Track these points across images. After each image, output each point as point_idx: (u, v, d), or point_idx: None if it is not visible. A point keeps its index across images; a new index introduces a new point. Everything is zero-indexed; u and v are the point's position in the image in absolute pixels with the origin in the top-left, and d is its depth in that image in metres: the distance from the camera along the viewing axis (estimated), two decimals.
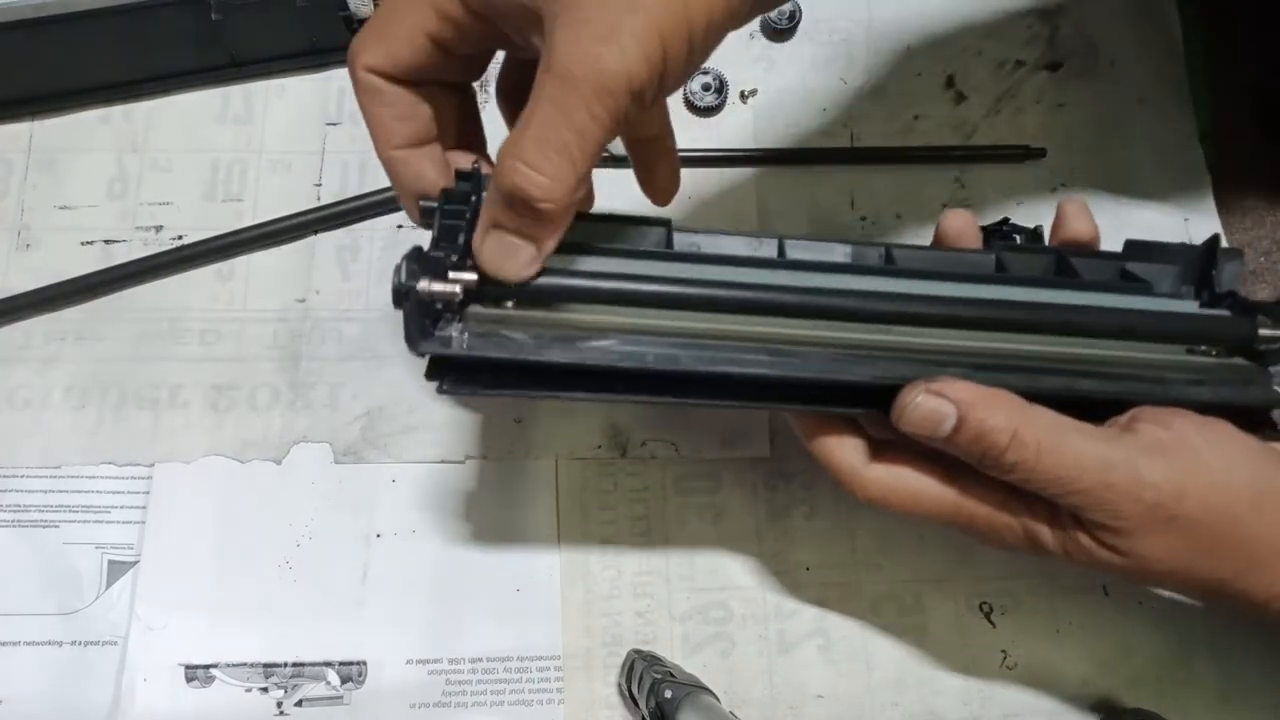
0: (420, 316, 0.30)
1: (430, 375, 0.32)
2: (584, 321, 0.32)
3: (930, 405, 0.31)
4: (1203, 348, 0.35)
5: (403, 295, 0.30)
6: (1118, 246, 0.39)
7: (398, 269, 0.30)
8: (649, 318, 0.32)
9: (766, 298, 0.33)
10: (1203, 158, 0.54)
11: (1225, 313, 0.36)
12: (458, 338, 0.31)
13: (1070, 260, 0.38)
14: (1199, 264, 0.37)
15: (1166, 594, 0.46)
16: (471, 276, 0.31)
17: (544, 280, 0.31)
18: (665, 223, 0.36)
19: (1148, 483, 0.31)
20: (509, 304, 0.31)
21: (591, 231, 0.35)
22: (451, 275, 0.30)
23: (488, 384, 0.32)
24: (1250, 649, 0.46)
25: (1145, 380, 0.34)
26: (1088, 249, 0.39)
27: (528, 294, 0.31)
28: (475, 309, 0.31)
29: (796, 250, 0.36)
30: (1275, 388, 0.34)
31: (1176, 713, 0.44)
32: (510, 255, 0.30)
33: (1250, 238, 0.53)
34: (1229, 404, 0.34)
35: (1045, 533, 0.33)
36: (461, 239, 0.31)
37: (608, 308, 0.32)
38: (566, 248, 0.32)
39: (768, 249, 0.36)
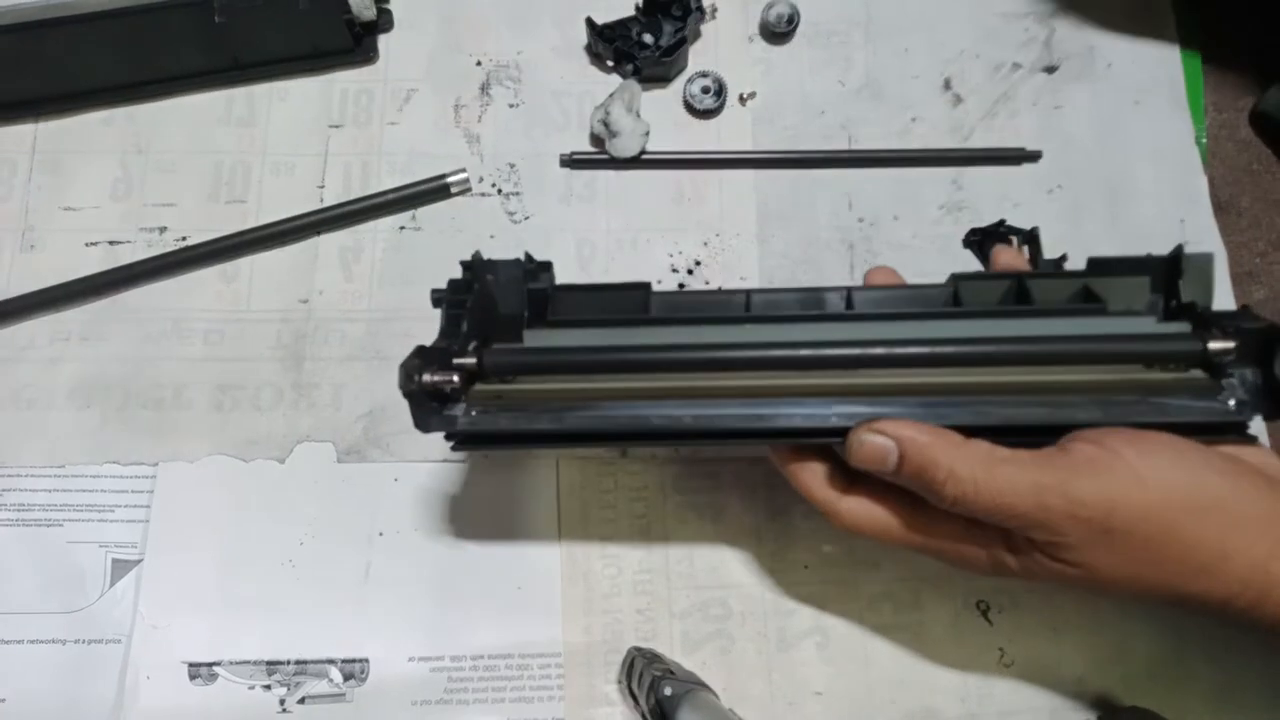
0: (425, 404, 0.35)
1: (447, 438, 0.37)
2: (573, 390, 0.36)
3: (875, 442, 0.34)
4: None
5: (406, 389, 0.34)
6: (1118, 248, 0.39)
7: (402, 368, 0.34)
8: (630, 381, 0.36)
9: (732, 356, 0.36)
10: (1199, 159, 0.54)
11: (1185, 325, 0.36)
12: (463, 417, 0.36)
13: (1028, 284, 0.39)
14: (1165, 273, 0.37)
15: None
16: (472, 361, 0.36)
17: (534, 358, 0.36)
18: (644, 286, 0.40)
19: (1079, 500, 0.32)
20: (509, 379, 0.36)
21: (580, 302, 0.40)
22: (455, 362, 0.35)
23: (496, 443, 0.37)
24: (1246, 647, 0.46)
25: (1092, 405, 0.34)
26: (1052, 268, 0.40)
27: (525, 368, 0.36)
28: (479, 387, 0.36)
29: (762, 305, 0.40)
30: (1227, 402, 0.34)
31: (1173, 710, 0.44)
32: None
33: (1246, 239, 0.54)
34: (1177, 423, 0.34)
35: (1006, 555, 0.35)
36: (464, 327, 0.36)
37: (595, 376, 0.36)
38: (557, 322, 0.38)
39: (736, 306, 0.40)
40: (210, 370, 0.50)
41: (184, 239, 0.52)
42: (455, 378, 0.35)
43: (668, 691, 0.40)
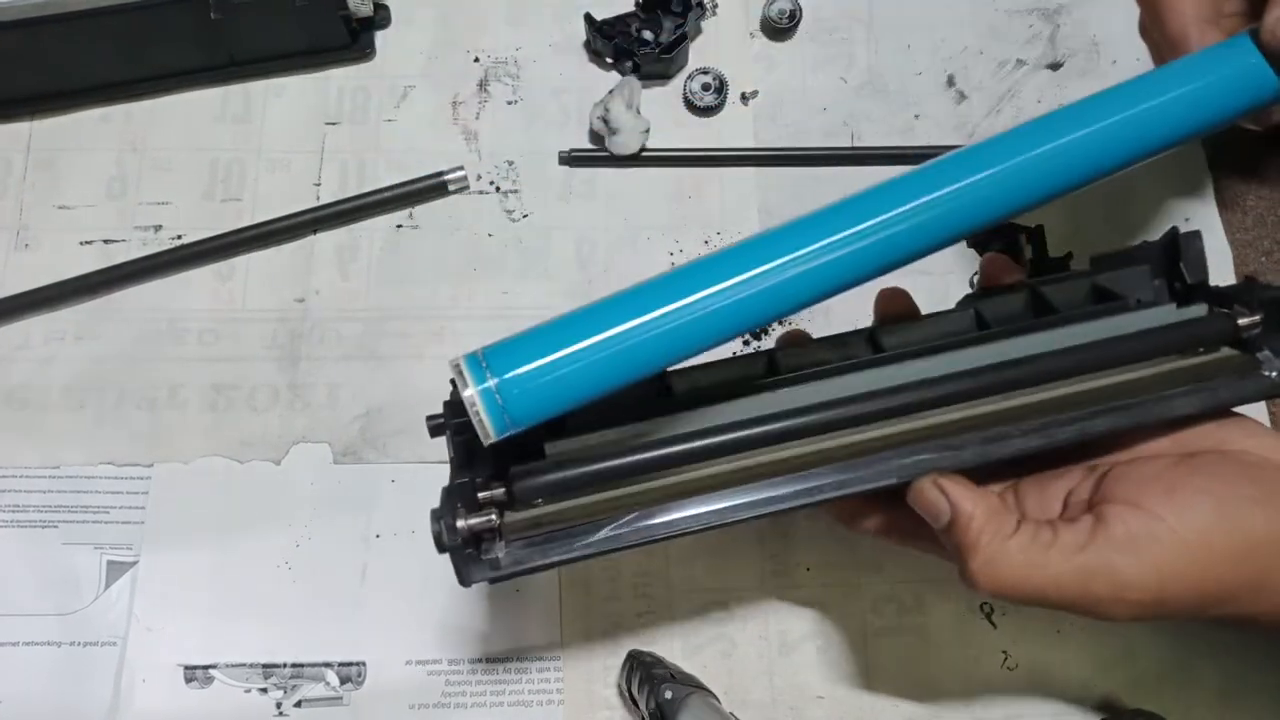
0: (466, 554, 0.32)
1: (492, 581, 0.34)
2: (610, 501, 0.33)
3: (931, 496, 0.33)
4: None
5: (448, 544, 0.31)
6: (1116, 229, 0.39)
7: (435, 518, 0.31)
8: (669, 477, 0.33)
9: (770, 430, 0.33)
10: (1204, 158, 0.54)
11: (1203, 307, 0.36)
12: (504, 557, 0.32)
13: (1044, 292, 0.38)
14: (1164, 258, 0.37)
15: None
16: (499, 491, 0.32)
17: (565, 475, 0.32)
18: (660, 374, 0.36)
19: (1126, 584, 0.31)
20: (538, 503, 0.33)
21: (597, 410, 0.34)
22: (481, 497, 0.32)
23: (534, 567, 0.33)
24: (1251, 650, 0.46)
25: (1130, 408, 0.34)
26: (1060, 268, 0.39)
27: (558, 489, 0.32)
28: (511, 518, 0.32)
29: (786, 364, 0.37)
30: (1267, 373, 0.34)
31: (1178, 714, 0.44)
32: None
33: (1252, 237, 0.53)
34: (1220, 407, 0.34)
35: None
36: (478, 454, 0.32)
37: (625, 482, 0.33)
38: (573, 428, 0.34)
39: (758, 367, 0.37)
40: (205, 370, 0.49)
41: (179, 237, 0.51)
42: (493, 517, 0.32)
43: (668, 695, 0.40)
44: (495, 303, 0.51)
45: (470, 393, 0.29)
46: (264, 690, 0.45)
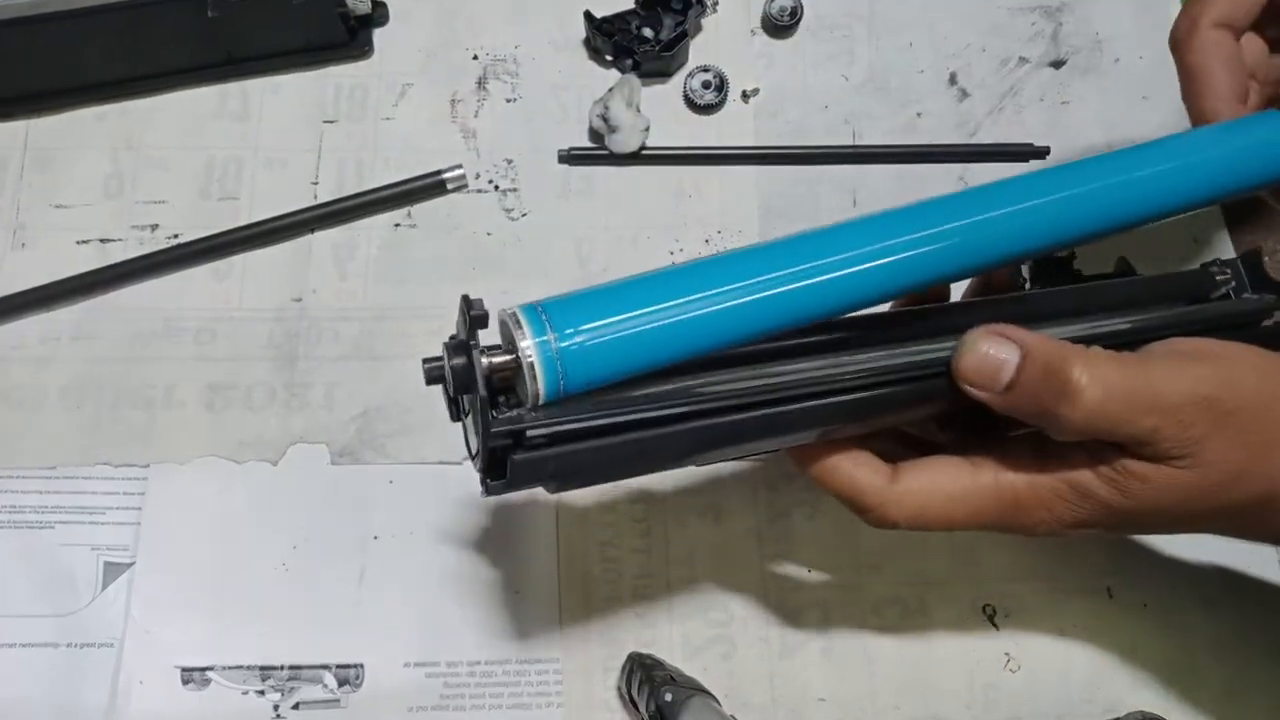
0: (491, 403, 0.26)
1: (493, 475, 0.29)
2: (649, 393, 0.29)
3: (991, 352, 0.30)
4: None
5: (461, 384, 0.26)
6: (1124, 245, 0.39)
7: (435, 360, 0.27)
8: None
9: (823, 338, 0.32)
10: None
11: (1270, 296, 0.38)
12: (531, 433, 0.27)
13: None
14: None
15: (1168, 598, 0.46)
16: (510, 359, 0.27)
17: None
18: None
19: (1199, 376, 0.30)
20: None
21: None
22: (497, 361, 0.27)
23: (586, 472, 0.29)
24: (1255, 651, 0.46)
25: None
26: None
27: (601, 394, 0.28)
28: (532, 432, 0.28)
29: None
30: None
31: (1181, 716, 0.44)
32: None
33: (1255, 236, 0.53)
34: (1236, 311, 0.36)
35: (1090, 479, 0.32)
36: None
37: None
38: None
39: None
40: (202, 370, 0.49)
41: (176, 236, 0.51)
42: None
43: (668, 698, 0.40)
44: (494, 302, 0.50)
45: (528, 343, 0.25)
46: (261, 692, 0.44)
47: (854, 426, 0.32)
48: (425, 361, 0.29)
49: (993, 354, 0.30)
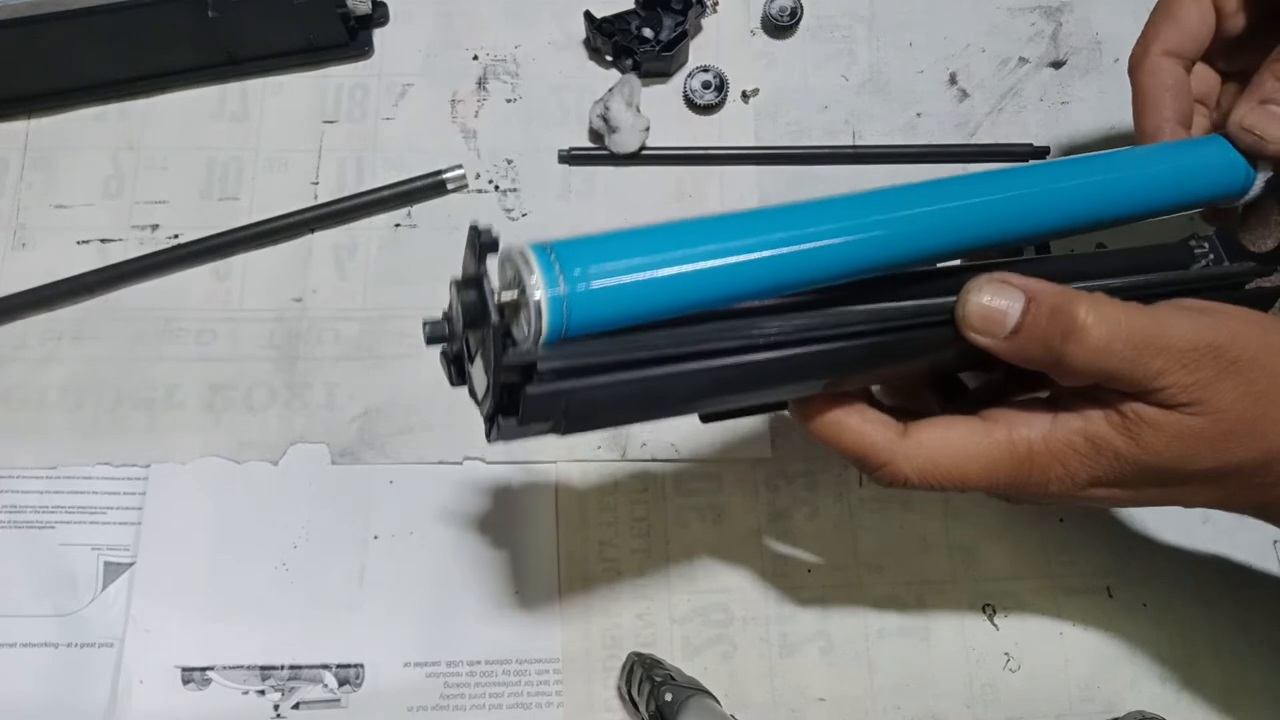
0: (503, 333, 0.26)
1: (505, 412, 0.28)
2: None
3: (993, 301, 0.30)
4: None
5: (471, 314, 0.26)
6: (1124, 244, 0.39)
7: (455, 283, 0.26)
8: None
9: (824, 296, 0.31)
10: None
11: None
12: (544, 367, 0.26)
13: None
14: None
15: (1168, 597, 0.46)
16: (513, 295, 0.26)
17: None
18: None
19: (1202, 324, 0.30)
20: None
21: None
22: (505, 300, 0.26)
23: (600, 417, 0.28)
24: (1253, 651, 0.46)
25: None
26: None
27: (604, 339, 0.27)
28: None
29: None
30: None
31: (1180, 715, 0.44)
32: None
33: (1254, 236, 0.53)
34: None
35: (1103, 427, 0.31)
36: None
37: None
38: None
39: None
40: (202, 370, 0.49)
41: (176, 237, 0.51)
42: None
43: (668, 697, 0.40)
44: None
45: (535, 278, 0.25)
46: (262, 692, 0.44)
47: (860, 376, 0.32)
48: (426, 323, 0.29)
49: (997, 300, 0.30)
